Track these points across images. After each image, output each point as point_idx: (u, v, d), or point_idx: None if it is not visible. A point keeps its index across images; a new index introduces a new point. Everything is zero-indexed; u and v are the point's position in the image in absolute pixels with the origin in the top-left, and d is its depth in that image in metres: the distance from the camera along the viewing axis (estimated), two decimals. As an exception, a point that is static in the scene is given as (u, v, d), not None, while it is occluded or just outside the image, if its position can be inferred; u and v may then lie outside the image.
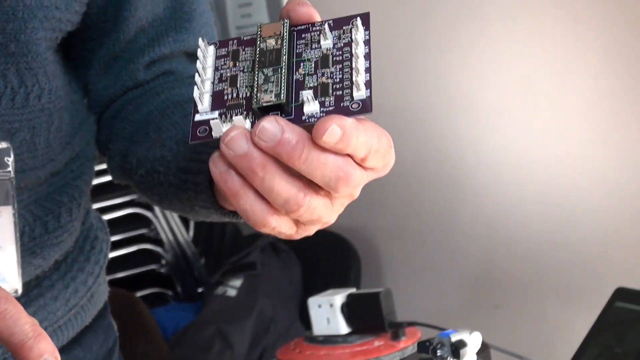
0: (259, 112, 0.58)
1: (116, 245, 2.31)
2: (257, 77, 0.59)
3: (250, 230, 2.32)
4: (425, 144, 2.21)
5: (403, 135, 2.25)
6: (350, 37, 0.60)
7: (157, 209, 2.44)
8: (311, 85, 0.59)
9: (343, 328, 1.62)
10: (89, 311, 0.91)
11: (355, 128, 0.55)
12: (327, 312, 1.64)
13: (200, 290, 2.54)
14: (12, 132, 0.76)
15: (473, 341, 1.03)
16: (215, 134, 0.58)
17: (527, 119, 2.01)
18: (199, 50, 0.62)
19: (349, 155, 0.56)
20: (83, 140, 0.87)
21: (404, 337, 1.58)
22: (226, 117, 0.58)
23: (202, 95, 0.60)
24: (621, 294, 1.47)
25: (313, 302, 1.66)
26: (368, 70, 0.59)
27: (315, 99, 0.57)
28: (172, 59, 0.87)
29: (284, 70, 0.59)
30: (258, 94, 0.58)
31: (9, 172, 0.63)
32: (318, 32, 0.61)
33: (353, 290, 1.68)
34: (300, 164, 0.55)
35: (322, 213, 0.59)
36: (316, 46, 0.61)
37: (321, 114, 0.57)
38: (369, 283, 2.32)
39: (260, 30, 0.61)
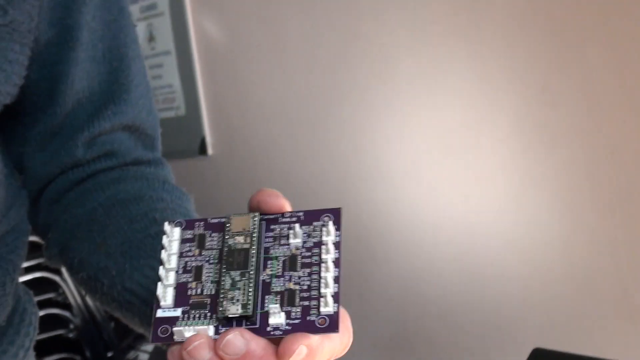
0: (223, 320, 0.57)
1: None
2: (224, 281, 0.58)
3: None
4: (337, 205, 2.22)
5: (315, 197, 2.26)
6: (320, 238, 0.59)
7: (65, 273, 2.39)
8: (277, 289, 0.57)
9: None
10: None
11: (321, 344, 0.56)
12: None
13: (109, 354, 2.48)
14: None
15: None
16: (177, 338, 0.57)
17: (440, 181, 2.04)
18: (164, 236, 0.61)
19: None
20: (17, 215, 0.85)
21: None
22: (189, 317, 0.57)
23: (166, 290, 0.59)
24: (538, 354, 1.50)
25: None
26: (337, 280, 0.58)
27: (282, 310, 0.56)
28: (112, 134, 0.85)
29: (251, 277, 0.57)
30: (224, 302, 0.57)
31: None
32: (287, 227, 0.60)
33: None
34: None
35: None
36: (285, 242, 0.59)
37: (287, 327, 0.56)
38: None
39: (229, 224, 0.60)
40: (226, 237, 0.59)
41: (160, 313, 0.58)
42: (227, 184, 2.48)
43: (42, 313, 2.35)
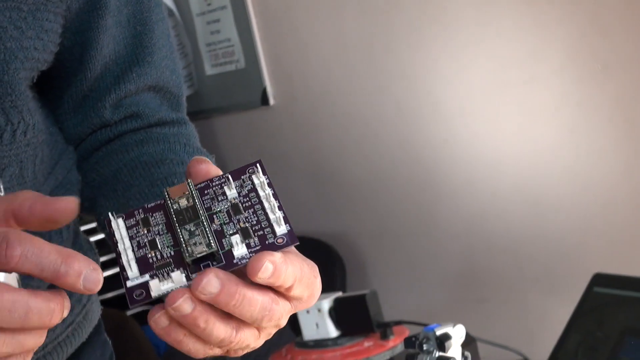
0: (192, 265, 0.61)
1: (105, 266, 2.33)
2: (182, 234, 0.62)
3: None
4: (399, 147, 2.24)
5: (377, 140, 2.29)
6: (252, 184, 0.64)
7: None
8: (231, 232, 0.62)
9: (332, 331, 1.65)
10: (85, 328, 0.95)
11: (284, 261, 0.59)
12: (316, 317, 1.67)
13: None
14: (2, 168, 0.79)
15: (457, 333, 1.07)
16: (154, 293, 0.60)
17: (497, 115, 2.05)
18: (112, 224, 0.65)
19: (279, 286, 0.60)
20: (64, 169, 0.90)
21: (392, 336, 1.61)
22: (159, 276, 0.61)
23: (129, 262, 0.62)
24: (599, 279, 1.52)
25: (301, 308, 1.69)
26: (281, 207, 0.62)
27: (242, 242, 0.61)
28: (137, 95, 0.90)
29: (205, 223, 0.62)
30: (189, 248, 0.61)
31: None
32: (220, 186, 0.65)
33: (339, 294, 1.71)
34: (234, 308, 0.59)
35: (250, 342, 0.64)
36: (222, 198, 0.64)
37: (250, 255, 0.60)
38: (355, 286, 2.35)
39: (168, 194, 0.64)
40: (171, 205, 0.64)
41: (129, 283, 0.61)
42: (290, 132, 2.51)
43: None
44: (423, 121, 2.19)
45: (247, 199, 0.64)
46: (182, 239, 0.61)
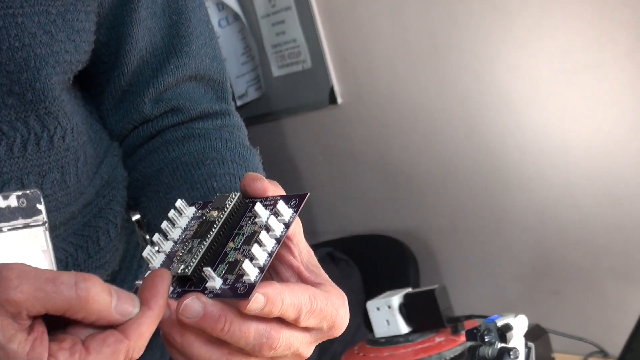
0: (177, 281, 0.61)
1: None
2: (185, 247, 0.62)
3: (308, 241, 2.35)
4: (467, 141, 2.22)
5: (444, 134, 2.27)
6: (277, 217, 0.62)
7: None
8: (230, 260, 0.61)
9: (403, 328, 1.65)
10: None
11: (279, 292, 0.58)
12: (386, 313, 1.66)
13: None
14: (43, 175, 0.79)
15: (519, 324, 1.05)
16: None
17: (564, 104, 2.02)
18: (173, 210, 0.65)
19: (280, 317, 0.59)
20: (110, 167, 0.90)
21: (463, 331, 1.60)
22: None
23: (157, 255, 0.63)
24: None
25: (371, 305, 1.69)
26: (272, 254, 0.60)
27: (222, 276, 0.60)
28: (178, 87, 0.90)
29: (205, 244, 0.61)
30: (174, 264, 0.61)
31: (42, 218, 0.64)
32: (264, 206, 0.63)
33: (409, 289, 1.70)
34: (223, 335, 0.58)
35: None
36: (254, 221, 0.62)
37: (218, 290, 0.59)
38: (428, 282, 2.34)
39: (213, 201, 0.64)
40: (206, 212, 0.64)
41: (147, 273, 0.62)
42: (359, 130, 2.51)
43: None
44: (490, 112, 2.16)
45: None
46: (182, 252, 0.62)
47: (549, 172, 2.08)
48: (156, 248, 0.63)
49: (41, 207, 0.64)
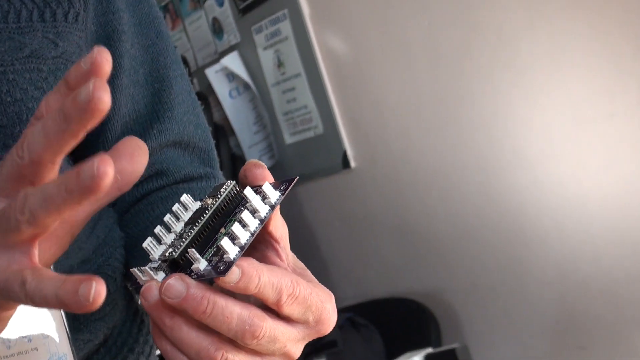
0: (169, 266, 0.61)
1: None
2: (178, 234, 0.62)
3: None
4: (484, 198, 2.21)
5: (460, 193, 2.26)
6: (264, 200, 0.62)
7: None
8: (218, 244, 0.60)
9: (425, 388, 1.62)
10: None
11: (255, 267, 0.57)
12: (408, 374, 1.64)
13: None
14: None
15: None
16: (139, 281, 0.61)
17: (579, 155, 2.01)
18: (179, 204, 0.64)
19: (260, 297, 0.59)
20: (105, 228, 0.90)
21: (487, 389, 1.57)
22: (155, 266, 0.61)
23: (158, 247, 0.62)
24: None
25: (392, 366, 1.67)
26: (254, 233, 0.60)
27: (208, 259, 0.59)
28: (161, 152, 0.90)
29: (194, 230, 0.61)
30: (165, 248, 0.61)
31: None
32: (256, 193, 0.63)
33: (429, 350, 1.68)
34: (205, 317, 0.57)
35: None
36: (246, 207, 0.62)
37: (202, 272, 0.59)
38: (450, 343, 2.31)
39: (210, 190, 0.65)
40: (203, 200, 0.64)
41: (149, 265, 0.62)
42: (374, 192, 2.51)
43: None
44: (505, 168, 2.15)
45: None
46: (175, 238, 0.62)
47: (568, 225, 2.06)
48: (158, 241, 0.63)
49: None
